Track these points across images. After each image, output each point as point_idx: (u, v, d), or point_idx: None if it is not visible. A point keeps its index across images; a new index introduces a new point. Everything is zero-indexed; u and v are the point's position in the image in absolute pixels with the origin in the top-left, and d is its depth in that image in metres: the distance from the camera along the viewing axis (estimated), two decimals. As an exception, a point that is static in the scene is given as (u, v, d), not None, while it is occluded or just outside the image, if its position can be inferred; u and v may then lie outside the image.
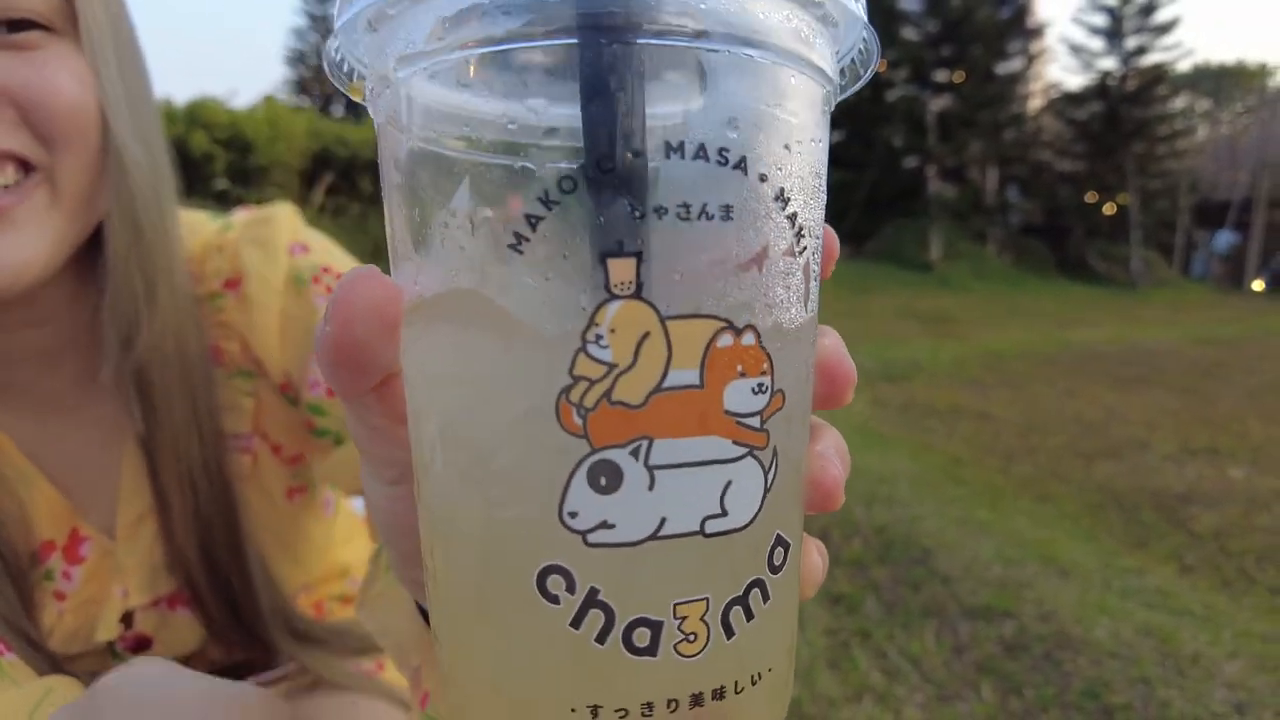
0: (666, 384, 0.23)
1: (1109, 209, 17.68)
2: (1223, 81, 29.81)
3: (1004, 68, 17.59)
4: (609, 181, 0.22)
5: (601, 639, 0.25)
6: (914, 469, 4.02)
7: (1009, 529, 3.30)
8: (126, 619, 0.74)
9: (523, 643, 0.26)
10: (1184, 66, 20.61)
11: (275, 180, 9.32)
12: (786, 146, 0.25)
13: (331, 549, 0.93)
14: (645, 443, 0.23)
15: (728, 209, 0.24)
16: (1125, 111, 17.40)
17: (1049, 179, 18.66)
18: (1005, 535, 3.21)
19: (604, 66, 0.22)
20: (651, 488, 0.24)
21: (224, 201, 9.01)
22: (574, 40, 0.22)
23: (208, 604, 0.75)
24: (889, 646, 2.45)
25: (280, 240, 0.80)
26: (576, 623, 0.24)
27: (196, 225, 0.82)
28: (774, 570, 0.27)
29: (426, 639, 0.42)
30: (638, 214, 0.23)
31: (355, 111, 19.42)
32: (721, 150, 0.23)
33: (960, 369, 6.91)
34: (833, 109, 0.29)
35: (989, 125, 17.11)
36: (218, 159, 8.78)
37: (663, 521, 0.24)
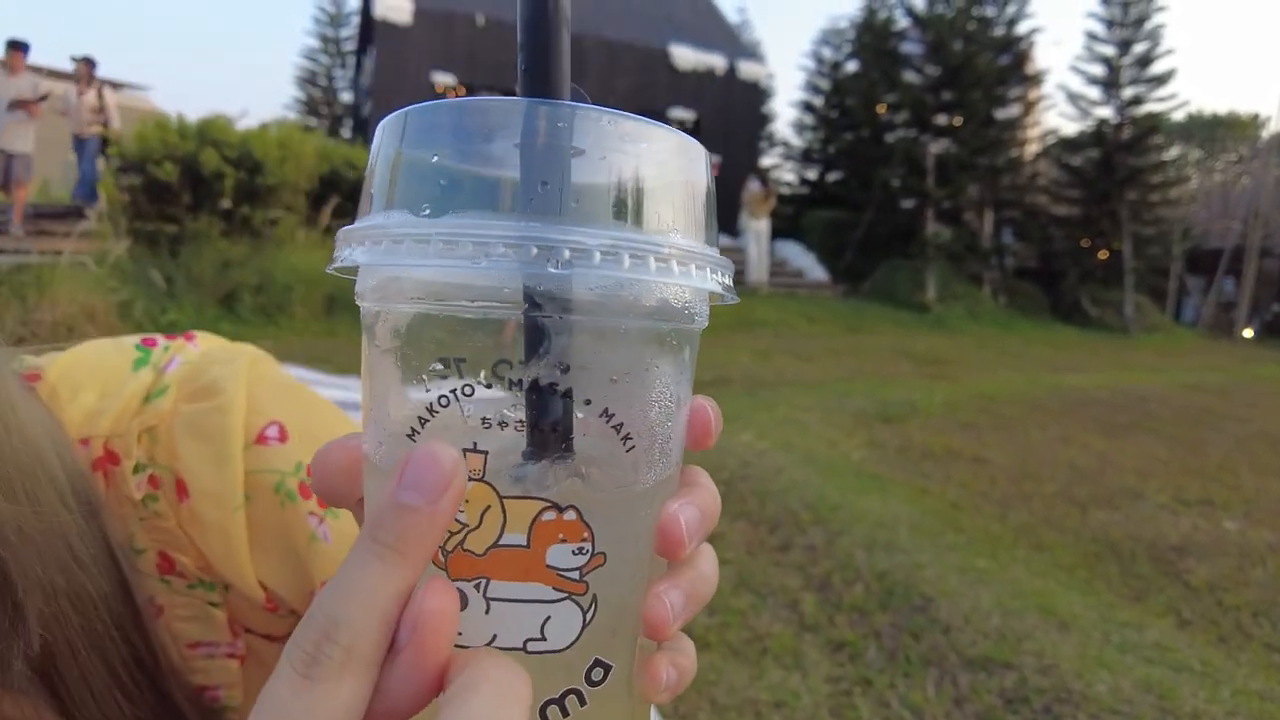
0: (501, 542, 0.31)
1: (1103, 254, 17.86)
2: (1215, 131, 30.30)
3: (1002, 113, 17.83)
4: (473, 404, 0.31)
5: None
6: (913, 514, 4.05)
7: (1007, 578, 3.33)
8: None
9: None
10: (1178, 116, 20.92)
11: (283, 201, 9.36)
12: (613, 380, 0.32)
13: None
14: (484, 581, 0.31)
15: (554, 426, 0.31)
16: (1120, 159, 17.60)
17: (1044, 223, 18.86)
18: (1004, 585, 3.24)
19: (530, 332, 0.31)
20: (487, 612, 0.31)
21: (230, 220, 9.05)
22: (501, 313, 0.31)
23: None
24: (891, 696, 2.47)
25: (233, 435, 0.61)
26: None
27: (108, 383, 0.62)
28: (591, 684, 0.34)
29: None
30: (486, 424, 0.31)
31: (364, 135, 19.55)
32: (551, 385, 0.30)
33: (954, 411, 6.96)
34: (680, 328, 0.35)
35: (986, 169, 17.29)
36: (228, 177, 8.82)
37: (494, 637, 0.32)
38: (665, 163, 0.33)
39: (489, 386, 0.31)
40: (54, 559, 0.52)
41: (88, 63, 9.50)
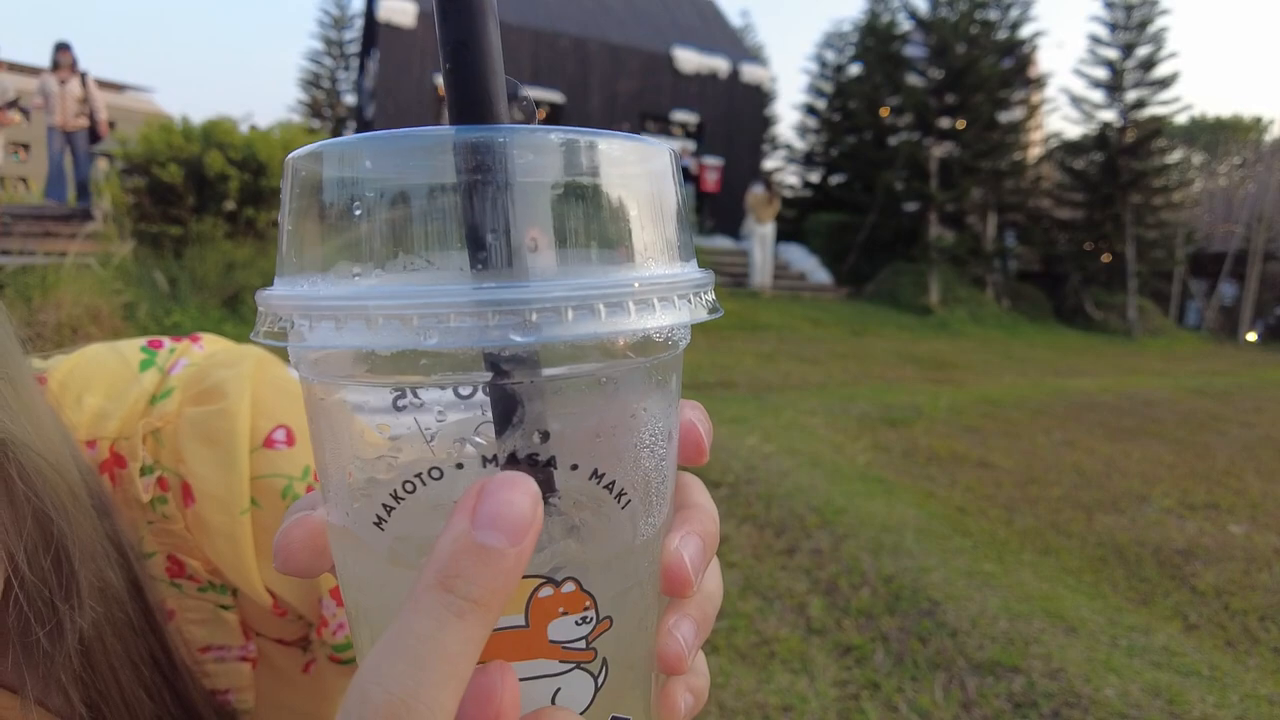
0: (499, 626, 0.28)
1: (1106, 257, 17.84)
2: (1219, 134, 30.25)
3: (1006, 117, 17.81)
4: (443, 486, 0.28)
5: None
6: (919, 518, 4.04)
7: (1014, 582, 3.32)
8: None
9: None
10: (1181, 119, 20.89)
11: (287, 204, 9.34)
12: (598, 435, 0.29)
13: None
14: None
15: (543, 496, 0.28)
16: (1123, 162, 17.56)
17: (1047, 227, 18.85)
18: (1011, 589, 3.23)
19: (502, 401, 0.27)
20: None
21: (234, 222, 9.05)
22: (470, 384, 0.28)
23: None
24: (899, 700, 2.47)
25: (239, 439, 0.59)
26: None
27: (114, 385, 0.61)
28: None
29: None
30: None
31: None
32: (531, 456, 0.27)
33: (959, 415, 6.95)
34: (663, 360, 0.31)
35: (990, 172, 17.28)
36: (232, 179, 8.83)
37: None
38: (627, 178, 0.29)
39: (460, 467, 0.28)
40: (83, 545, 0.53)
41: (67, 50, 8.90)
